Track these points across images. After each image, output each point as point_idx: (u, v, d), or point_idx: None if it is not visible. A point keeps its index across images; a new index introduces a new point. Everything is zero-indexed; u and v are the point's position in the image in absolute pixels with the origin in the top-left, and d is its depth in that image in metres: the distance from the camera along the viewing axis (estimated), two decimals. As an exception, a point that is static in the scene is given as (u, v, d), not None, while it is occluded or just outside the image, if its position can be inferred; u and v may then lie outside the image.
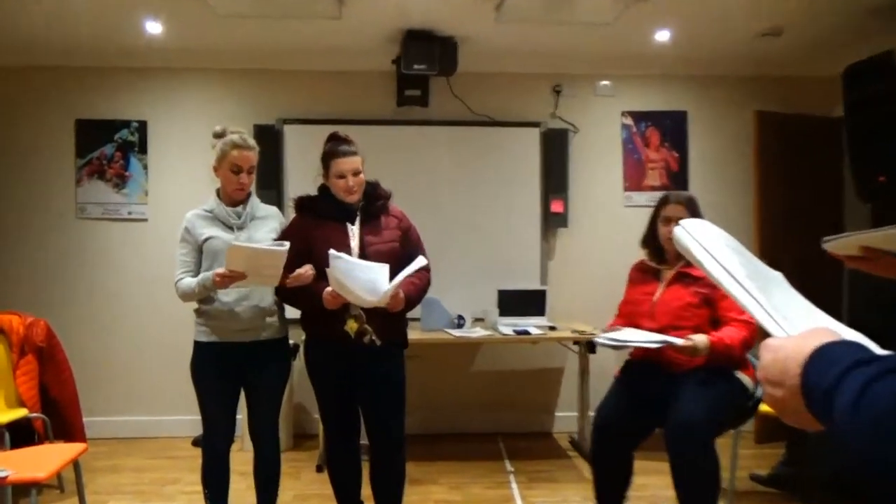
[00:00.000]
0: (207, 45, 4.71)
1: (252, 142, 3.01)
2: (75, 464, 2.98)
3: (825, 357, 0.85)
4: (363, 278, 2.69)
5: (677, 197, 3.18)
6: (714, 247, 1.10)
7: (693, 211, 3.08)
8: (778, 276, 1.13)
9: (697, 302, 2.98)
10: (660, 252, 3.19)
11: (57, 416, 3.98)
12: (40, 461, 2.83)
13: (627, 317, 3.20)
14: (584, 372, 4.70)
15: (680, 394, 2.86)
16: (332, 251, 2.68)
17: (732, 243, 1.12)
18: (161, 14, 4.12)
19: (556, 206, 5.11)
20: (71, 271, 5.03)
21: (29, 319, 3.97)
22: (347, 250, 2.84)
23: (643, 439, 3.08)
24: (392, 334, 2.94)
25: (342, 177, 2.89)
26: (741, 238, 1.19)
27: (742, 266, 1.06)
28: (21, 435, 3.77)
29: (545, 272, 5.16)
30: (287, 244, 2.74)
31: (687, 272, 3.04)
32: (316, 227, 2.90)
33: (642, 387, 3.05)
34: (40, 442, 3.83)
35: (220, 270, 2.78)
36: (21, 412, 3.78)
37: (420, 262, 2.84)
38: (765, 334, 0.98)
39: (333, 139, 2.98)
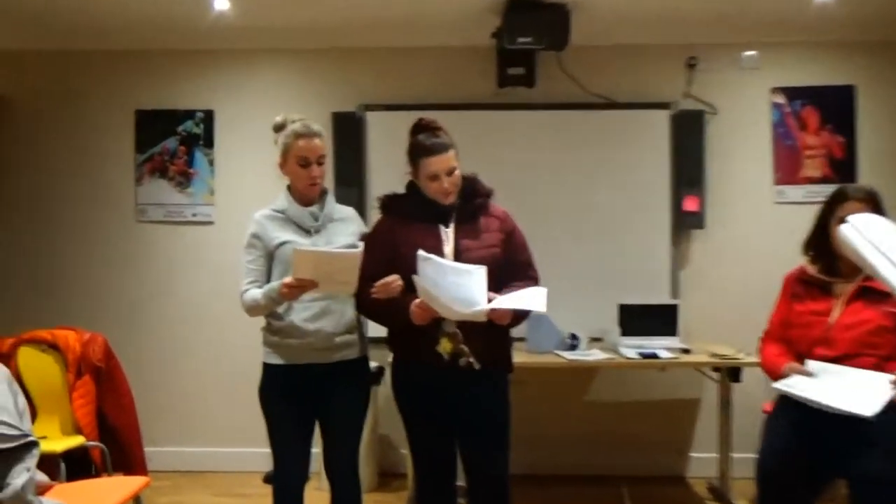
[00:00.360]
0: (280, 23, 4.81)
1: (317, 127, 3.07)
2: (136, 499, 3.08)
3: None
4: (457, 284, 2.68)
5: (857, 192, 2.95)
6: (889, 246, 1.02)
7: (877, 209, 2.87)
8: None
9: (891, 325, 2.81)
10: (830, 261, 2.99)
11: (116, 445, 4.13)
12: (98, 495, 2.94)
13: (789, 341, 3.03)
14: (725, 404, 4.57)
15: (871, 439, 2.69)
16: (420, 252, 2.69)
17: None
18: (229, -12, 4.24)
19: (690, 204, 5.01)
20: (130, 281, 5.25)
21: (86, 336, 4.13)
22: (440, 256, 2.82)
23: (822, 493, 2.93)
24: (494, 356, 2.91)
25: (435, 178, 2.89)
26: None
27: None
28: (77, 465, 3.93)
29: (676, 283, 5.05)
30: (361, 245, 2.77)
31: (871, 286, 2.84)
32: (404, 230, 2.91)
33: (819, 425, 2.84)
34: (98, 474, 3.99)
35: (288, 280, 2.82)
36: (78, 440, 3.95)
37: (537, 297, 2.80)
38: None
39: (420, 129, 2.98)
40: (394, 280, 2.81)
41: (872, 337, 2.79)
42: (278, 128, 3.06)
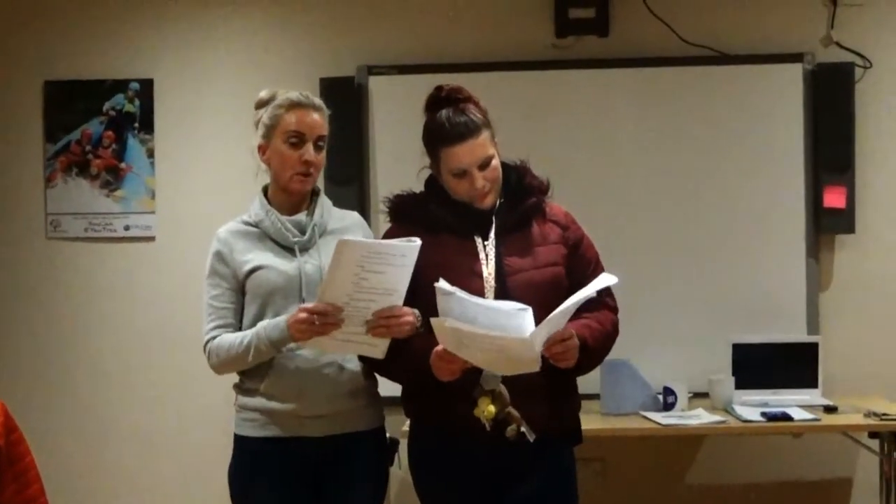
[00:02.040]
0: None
1: (319, 101, 3.13)
2: None
3: None
4: (495, 326, 2.69)
5: None
6: None
7: None
8: None
9: None
10: None
11: (21, 552, 4.19)
12: None
13: None
14: (888, 486, 4.55)
15: None
16: (440, 284, 2.69)
17: None
18: None
19: (833, 198, 5.03)
20: (39, 321, 5.30)
21: (-23, 400, 4.20)
22: (478, 283, 2.87)
23: None
24: (555, 422, 2.93)
25: (463, 174, 2.91)
26: None
27: None
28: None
29: (815, 312, 5.08)
30: (417, 241, 2.77)
31: None
32: (426, 244, 2.91)
33: None
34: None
35: (308, 304, 2.83)
36: (-32, 546, 4.01)
37: (605, 280, 2.81)
38: None
39: (439, 102, 2.98)
40: (403, 314, 2.84)
41: None
42: (262, 104, 3.11)
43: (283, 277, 3.01)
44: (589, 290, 2.75)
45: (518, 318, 2.70)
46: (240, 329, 3.05)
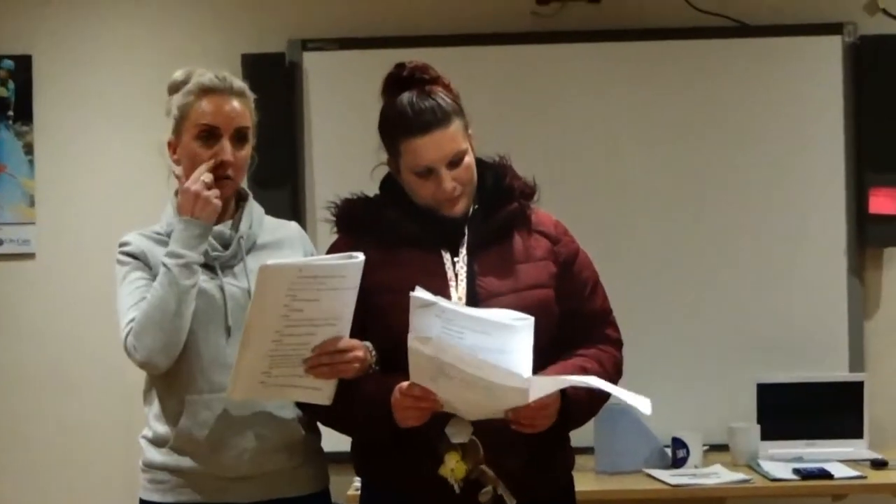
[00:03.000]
0: None
1: (239, 82, 3.11)
2: None
3: None
4: (484, 349, 2.68)
5: None
6: None
7: None
8: None
9: None
10: None
11: None
12: None
13: None
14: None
15: None
16: (415, 294, 2.68)
17: None
18: None
19: (882, 203, 5.09)
20: None
21: None
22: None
23: None
24: (540, 485, 2.94)
25: (428, 173, 2.90)
26: None
27: None
28: None
29: (859, 345, 5.13)
30: (360, 256, 2.74)
31: None
32: (381, 260, 2.91)
33: None
34: None
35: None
36: None
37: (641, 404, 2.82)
38: None
39: (400, 82, 2.99)
40: (350, 348, 2.83)
41: None
42: (175, 88, 3.10)
43: (203, 300, 2.98)
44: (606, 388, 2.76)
45: (520, 331, 2.69)
46: None
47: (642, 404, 2.75)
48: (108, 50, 5.22)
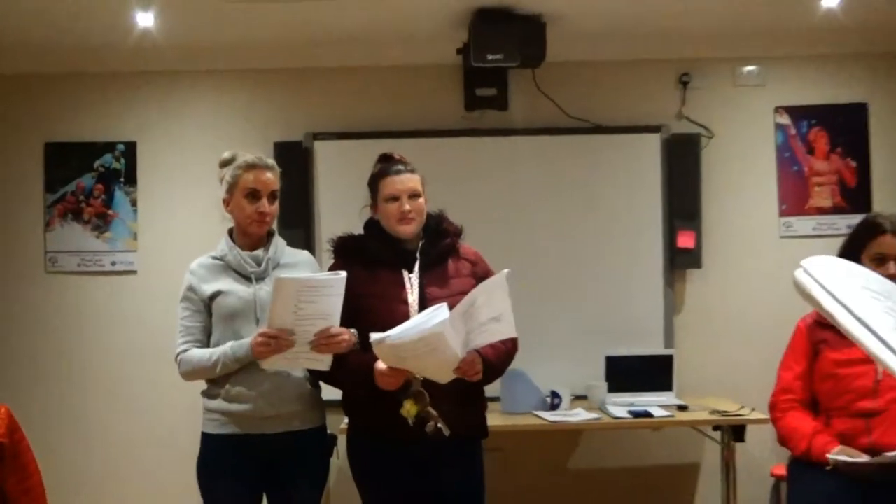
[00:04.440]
0: (213, 42, 4.87)
1: (271, 161, 3.14)
2: None
3: None
4: (422, 343, 2.69)
5: (895, 225, 3.06)
6: (847, 293, 1.09)
7: None
8: None
9: None
10: None
11: (22, 533, 4.07)
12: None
13: (814, 399, 3.12)
14: (728, 469, 4.61)
15: None
16: (373, 337, 2.70)
17: (876, 284, 1.12)
18: (154, 2, 4.28)
19: (685, 240, 5.10)
20: (38, 340, 5.20)
21: (-15, 406, 4.09)
22: (404, 308, 2.90)
23: None
24: (466, 420, 2.95)
25: (395, 198, 2.96)
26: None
27: (888, 314, 1.05)
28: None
29: (670, 331, 5.13)
30: (343, 274, 2.80)
31: None
32: (363, 277, 2.94)
33: (876, 492, 2.93)
34: (1, 567, 3.93)
35: (264, 329, 2.85)
36: (-24, 528, 3.89)
37: (500, 277, 2.83)
38: None
39: (384, 160, 3.07)
40: (339, 334, 2.85)
41: None
42: (225, 163, 3.12)
43: (241, 301, 3.03)
44: (488, 285, 2.78)
45: (435, 314, 2.70)
46: (206, 344, 3.05)
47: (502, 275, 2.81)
48: (186, 137, 5.19)
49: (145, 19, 4.46)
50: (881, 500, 2.92)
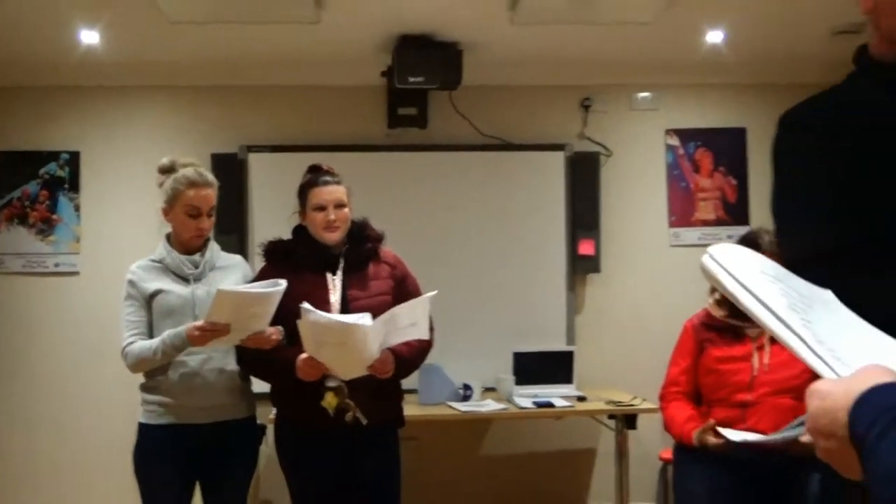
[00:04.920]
0: (155, 58, 4.80)
1: (211, 177, 3.08)
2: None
3: (871, 402, 0.87)
4: (342, 339, 2.71)
5: (771, 245, 3.12)
6: (747, 276, 1.12)
7: None
8: (828, 297, 1.16)
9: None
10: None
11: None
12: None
13: (697, 392, 3.22)
14: (622, 453, 4.69)
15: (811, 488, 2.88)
16: (304, 304, 2.72)
17: (770, 269, 1.15)
18: (99, 21, 4.21)
19: (586, 248, 5.16)
20: (-15, 337, 5.06)
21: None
22: (326, 307, 2.88)
23: None
24: (382, 410, 2.96)
25: (321, 208, 2.95)
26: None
27: (783, 295, 1.08)
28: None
29: (572, 329, 5.18)
30: (283, 283, 2.78)
31: None
32: (290, 278, 2.92)
33: (748, 476, 3.03)
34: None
35: (200, 323, 2.81)
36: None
37: (426, 297, 2.88)
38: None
39: (313, 171, 3.05)
40: (270, 333, 2.84)
41: (793, 380, 2.98)
42: (166, 169, 3.05)
43: (180, 299, 3.00)
44: (412, 304, 2.85)
45: (361, 323, 2.73)
46: (149, 337, 2.99)
47: (426, 298, 2.90)
48: (128, 148, 5.09)
49: (90, 37, 4.39)
50: (751, 484, 3.03)
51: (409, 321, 2.83)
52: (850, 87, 1.58)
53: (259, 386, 3.14)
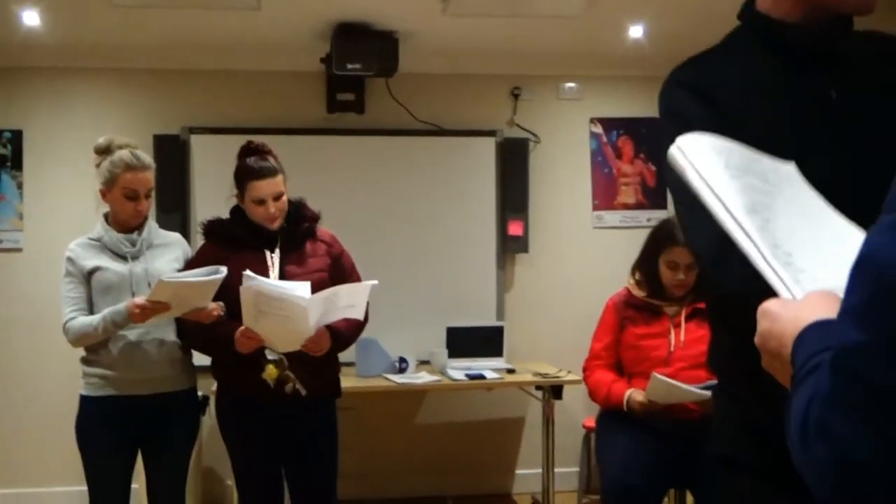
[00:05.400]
0: (98, 41, 4.65)
1: (147, 159, 2.98)
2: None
3: (806, 340, 0.86)
4: (281, 309, 2.67)
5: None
6: (711, 173, 1.09)
7: None
8: (791, 172, 1.14)
9: None
10: (658, 287, 3.23)
11: None
12: None
13: (619, 364, 3.26)
14: (548, 422, 4.73)
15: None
16: (246, 272, 2.68)
17: (736, 159, 1.10)
18: (41, 2, 4.06)
19: (515, 229, 5.17)
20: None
21: None
22: (265, 283, 2.83)
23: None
24: (321, 382, 2.93)
25: (261, 203, 2.88)
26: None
27: (743, 194, 1.05)
28: None
29: (502, 306, 5.20)
30: (224, 270, 2.72)
31: (702, 308, 3.11)
32: (229, 256, 2.88)
33: (661, 440, 3.09)
34: None
35: (140, 301, 2.73)
36: None
37: (367, 284, 2.85)
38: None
39: (248, 152, 2.96)
40: (210, 310, 2.78)
41: (705, 355, 3.03)
42: (102, 150, 2.95)
43: (118, 276, 2.90)
44: (353, 287, 2.86)
45: (299, 290, 2.70)
46: (89, 313, 2.90)
47: (367, 284, 2.88)
48: (70, 127, 4.93)
49: (31, 18, 4.22)
50: (666, 450, 3.08)
51: (347, 302, 2.82)
52: (733, 43, 1.53)
53: (201, 358, 3.08)
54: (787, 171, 1.14)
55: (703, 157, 1.10)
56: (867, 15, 1.37)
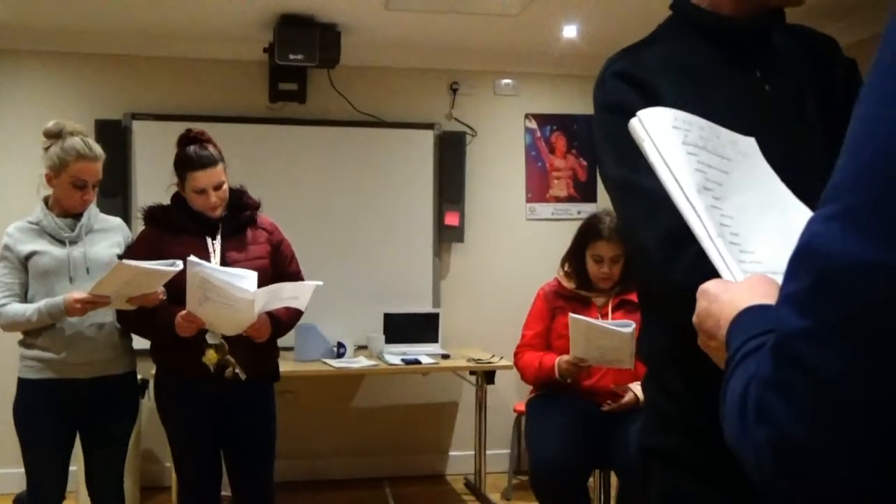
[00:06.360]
0: (41, 24, 4.52)
1: (99, 149, 2.89)
2: None
3: (742, 325, 0.86)
4: (226, 293, 2.63)
5: (611, 233, 3.21)
6: (668, 149, 1.06)
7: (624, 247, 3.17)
8: (750, 147, 1.12)
9: None
10: (586, 278, 3.28)
11: None
12: None
13: (548, 350, 3.30)
14: (481, 406, 4.77)
15: (629, 438, 2.98)
16: (191, 257, 2.62)
17: (695, 134, 1.07)
18: (-19, -16, 3.93)
19: (451, 219, 5.19)
20: None
21: None
22: (207, 270, 2.79)
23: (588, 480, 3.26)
24: (260, 366, 2.90)
25: (202, 192, 2.82)
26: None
27: (697, 171, 1.03)
28: None
29: (438, 293, 5.21)
30: (180, 264, 2.65)
31: (629, 299, 3.16)
32: (169, 241, 2.82)
33: (587, 424, 3.14)
34: None
35: (80, 295, 2.66)
36: None
37: (311, 284, 2.83)
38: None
39: (188, 140, 2.89)
40: (154, 294, 2.73)
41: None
42: (52, 135, 2.84)
43: (55, 261, 2.82)
44: (299, 284, 2.87)
45: (244, 279, 2.67)
46: (24, 299, 2.82)
47: (311, 285, 2.87)
48: (13, 110, 4.77)
49: (-29, 0, 4.08)
50: (597, 432, 3.13)
51: (291, 295, 2.82)
52: (665, 33, 1.50)
53: (140, 342, 3.02)
54: (746, 144, 1.13)
55: (661, 132, 1.07)
56: (798, 6, 1.36)
